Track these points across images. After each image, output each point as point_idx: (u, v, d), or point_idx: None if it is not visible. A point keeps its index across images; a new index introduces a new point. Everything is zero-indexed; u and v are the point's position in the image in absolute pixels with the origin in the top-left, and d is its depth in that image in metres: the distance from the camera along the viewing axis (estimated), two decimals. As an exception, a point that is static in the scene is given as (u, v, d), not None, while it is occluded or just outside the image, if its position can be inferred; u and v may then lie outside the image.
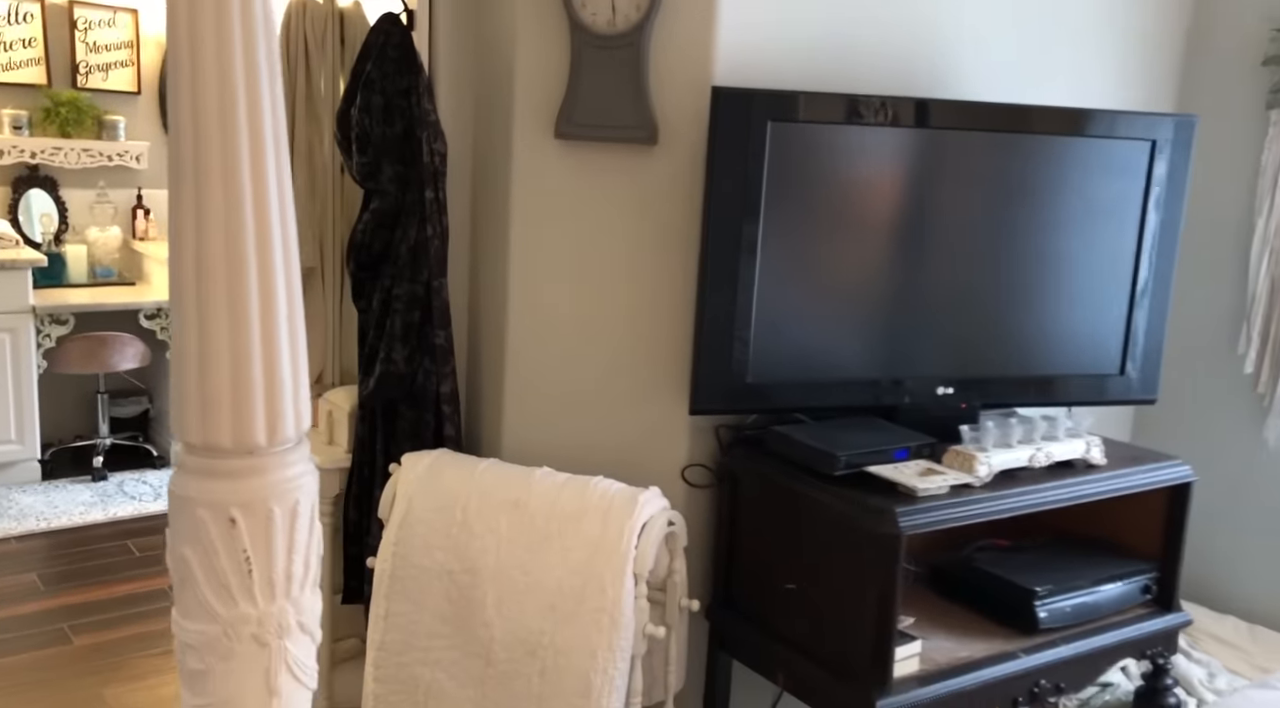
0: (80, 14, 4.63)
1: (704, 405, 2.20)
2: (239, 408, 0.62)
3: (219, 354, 0.62)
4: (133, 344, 4.51)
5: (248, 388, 0.62)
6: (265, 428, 0.62)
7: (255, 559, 0.61)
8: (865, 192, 2.23)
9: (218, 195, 0.59)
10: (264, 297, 0.62)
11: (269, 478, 0.62)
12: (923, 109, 2.21)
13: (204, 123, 0.58)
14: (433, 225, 2.32)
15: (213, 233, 0.60)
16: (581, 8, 2.16)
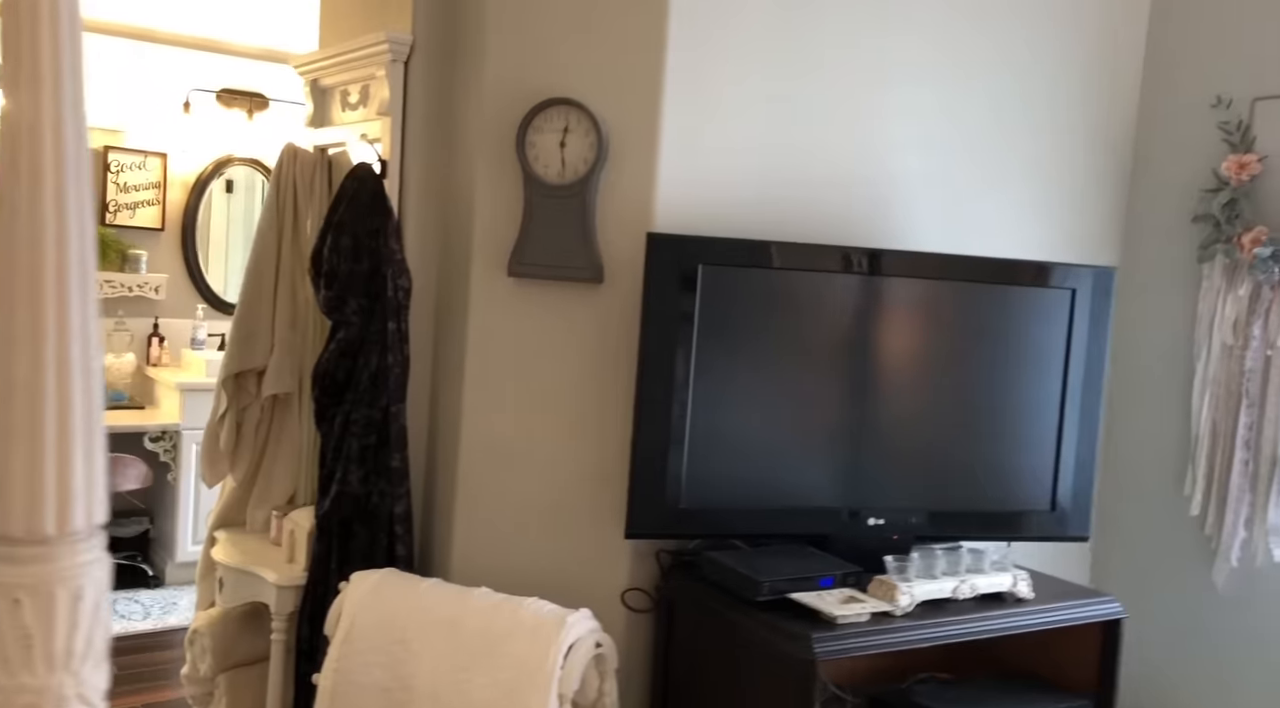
0: (114, 158, 4.99)
1: (638, 530, 2.29)
2: (31, 501, 0.73)
3: (16, 451, 0.73)
4: (135, 466, 4.66)
5: (40, 483, 0.73)
6: (55, 520, 0.73)
7: (37, 636, 0.70)
8: (795, 331, 2.37)
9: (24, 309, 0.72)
10: (60, 403, 0.74)
11: (56, 565, 0.72)
12: (846, 256, 2.37)
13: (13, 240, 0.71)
14: (394, 354, 2.48)
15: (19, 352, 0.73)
16: (534, 161, 2.37)
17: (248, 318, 2.85)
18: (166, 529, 4.93)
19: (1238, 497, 2.78)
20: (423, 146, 2.58)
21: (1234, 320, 2.80)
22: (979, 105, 2.78)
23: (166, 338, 5.18)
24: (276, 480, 2.96)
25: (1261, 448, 2.75)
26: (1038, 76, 2.87)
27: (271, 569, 2.60)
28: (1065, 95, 2.94)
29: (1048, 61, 2.89)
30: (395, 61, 2.51)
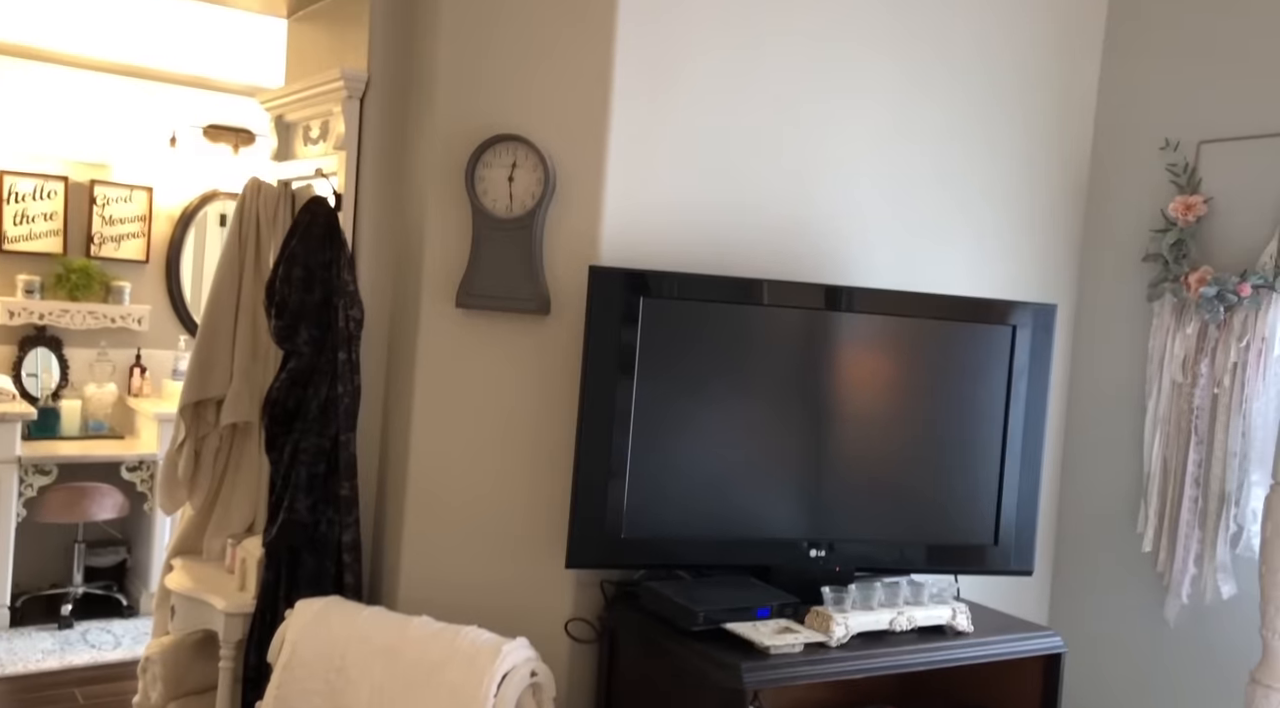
0: (100, 191, 5.06)
1: (579, 560, 2.30)
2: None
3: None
4: (111, 495, 4.68)
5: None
6: None
7: None
8: (739, 365, 2.40)
9: None
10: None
11: None
12: (790, 290, 2.40)
13: None
14: (344, 384, 2.51)
15: None
16: (483, 195, 2.42)
17: (208, 347, 2.89)
18: (143, 559, 4.94)
19: (1187, 534, 2.79)
20: (376, 180, 2.64)
21: (1182, 358, 2.83)
22: (931, 142, 2.83)
23: (148, 369, 5.23)
24: (235, 508, 2.99)
25: (1210, 485, 2.76)
26: (993, 114, 2.93)
27: (221, 597, 2.61)
28: (1019, 134, 2.99)
29: (1003, 100, 2.94)
30: (351, 98, 2.57)
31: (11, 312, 4.84)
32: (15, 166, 4.86)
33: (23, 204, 4.89)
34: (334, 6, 2.80)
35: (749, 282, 2.39)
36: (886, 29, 2.72)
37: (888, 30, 2.73)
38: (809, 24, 2.60)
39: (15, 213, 4.87)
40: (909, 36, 2.76)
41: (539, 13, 2.41)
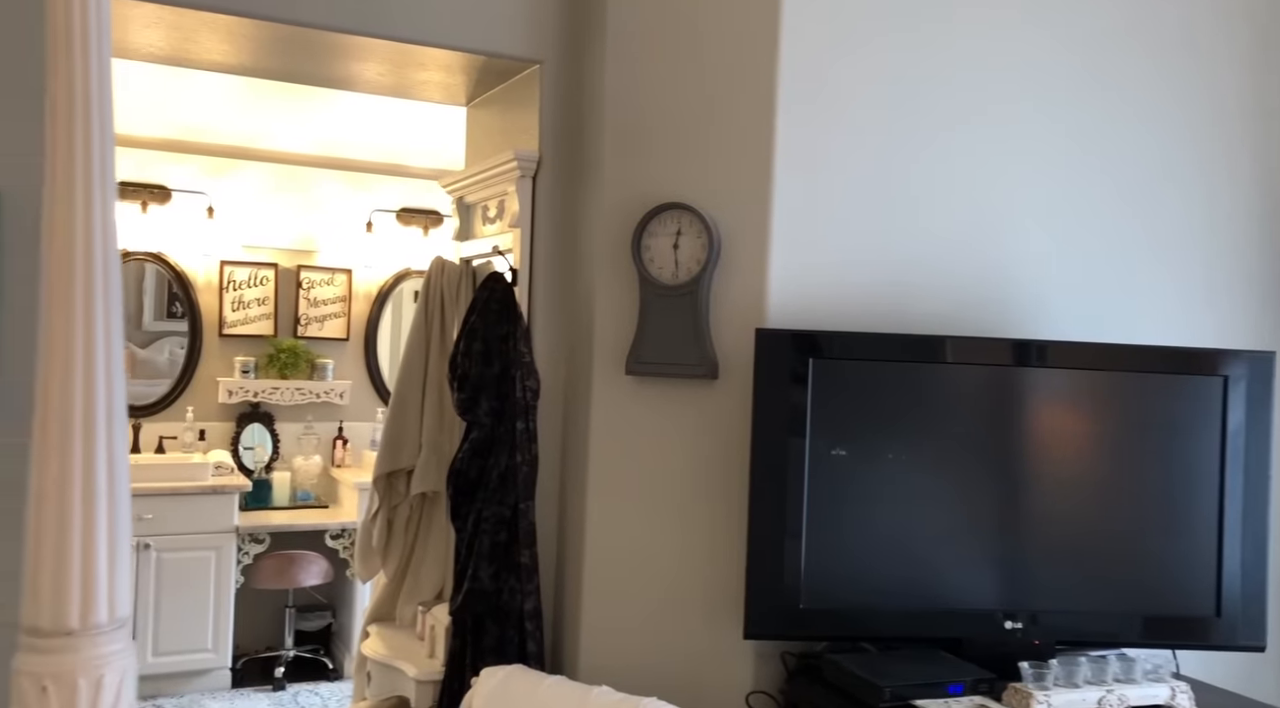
0: (305, 275, 5.46)
1: (756, 631, 2.25)
2: (57, 596, 0.82)
3: (45, 550, 0.83)
4: (318, 562, 4.96)
5: (66, 580, 0.82)
6: (79, 614, 0.81)
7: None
8: (918, 425, 2.30)
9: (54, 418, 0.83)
10: (85, 506, 0.84)
11: (79, 656, 0.80)
12: (968, 347, 2.30)
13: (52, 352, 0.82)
14: (522, 453, 2.57)
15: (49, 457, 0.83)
16: (649, 263, 2.45)
17: (398, 420, 3.03)
18: (346, 623, 5.18)
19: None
20: (549, 254, 2.71)
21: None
22: (1112, 177, 2.67)
23: (349, 440, 5.54)
24: (425, 576, 3.09)
25: None
26: (1181, 140, 2.73)
27: (413, 664, 2.70)
28: (1213, 161, 2.78)
29: (1193, 123, 2.75)
30: (524, 177, 2.67)
31: (230, 391, 5.25)
32: (232, 257, 5.31)
33: (239, 291, 5.33)
34: (507, 92, 2.93)
35: (924, 339, 2.30)
36: (1058, 65, 2.60)
37: (1059, 66, 2.61)
38: (971, 73, 2.52)
39: (233, 299, 5.31)
40: (1083, 75, 2.63)
41: (699, 85, 2.44)
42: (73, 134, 0.82)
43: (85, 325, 0.83)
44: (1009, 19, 2.55)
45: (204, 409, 5.26)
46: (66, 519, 0.82)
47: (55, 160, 0.82)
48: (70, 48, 0.79)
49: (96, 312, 0.83)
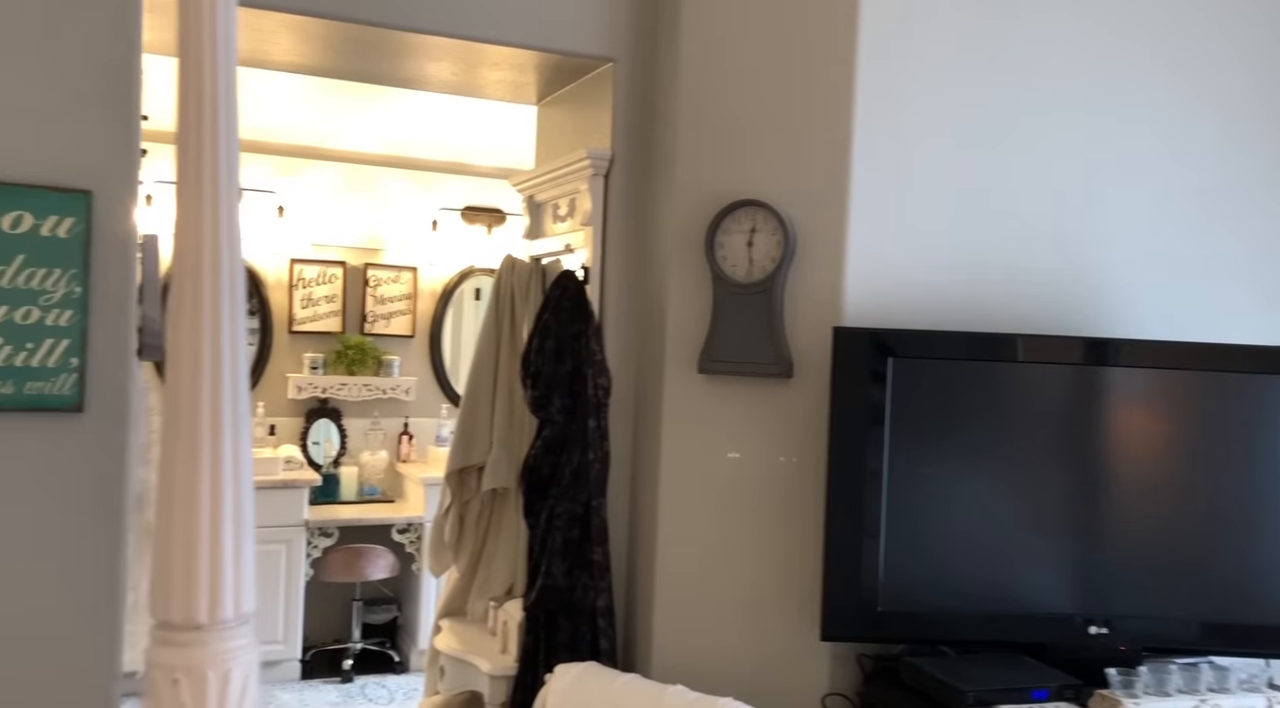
0: (373, 274, 5.53)
1: (833, 633, 2.22)
2: (187, 594, 0.84)
3: (175, 548, 0.85)
4: (385, 556, 5.02)
5: (195, 577, 0.83)
6: (207, 609, 0.83)
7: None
8: (999, 425, 2.26)
9: (185, 416, 0.84)
10: (213, 505, 0.85)
11: (208, 649, 0.81)
12: (1051, 345, 2.25)
13: (181, 353, 0.84)
14: (594, 450, 2.57)
15: (179, 457, 0.84)
16: (723, 260, 2.43)
17: (469, 418, 3.05)
18: (412, 617, 5.24)
19: None
20: (621, 252, 2.71)
21: None
22: (1200, 179, 2.59)
23: (415, 436, 5.60)
24: (496, 572, 3.11)
25: None
26: (1272, 143, 2.65)
27: (486, 659, 2.71)
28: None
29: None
30: (596, 175, 2.67)
31: (299, 387, 5.34)
32: (302, 255, 5.40)
33: (308, 289, 5.41)
34: (579, 91, 2.93)
35: (1004, 337, 2.26)
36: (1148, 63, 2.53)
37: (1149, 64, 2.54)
38: (1056, 69, 2.47)
39: (302, 297, 5.40)
40: (1172, 76, 2.55)
41: (775, 81, 2.42)
42: (201, 138, 0.83)
43: (213, 327, 0.84)
44: (1097, 14, 2.49)
45: (274, 405, 5.35)
46: (195, 517, 0.84)
47: (185, 164, 0.83)
48: (200, 54, 0.81)
49: (224, 314, 0.84)
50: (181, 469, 0.84)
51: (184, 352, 0.84)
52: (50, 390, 2.09)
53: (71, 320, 2.10)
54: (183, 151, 0.83)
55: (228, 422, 0.85)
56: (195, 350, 0.84)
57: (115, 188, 2.15)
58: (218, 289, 0.82)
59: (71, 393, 2.11)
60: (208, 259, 0.83)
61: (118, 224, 2.16)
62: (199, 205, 0.82)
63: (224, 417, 0.84)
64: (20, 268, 2.06)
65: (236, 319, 0.86)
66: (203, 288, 0.83)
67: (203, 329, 0.83)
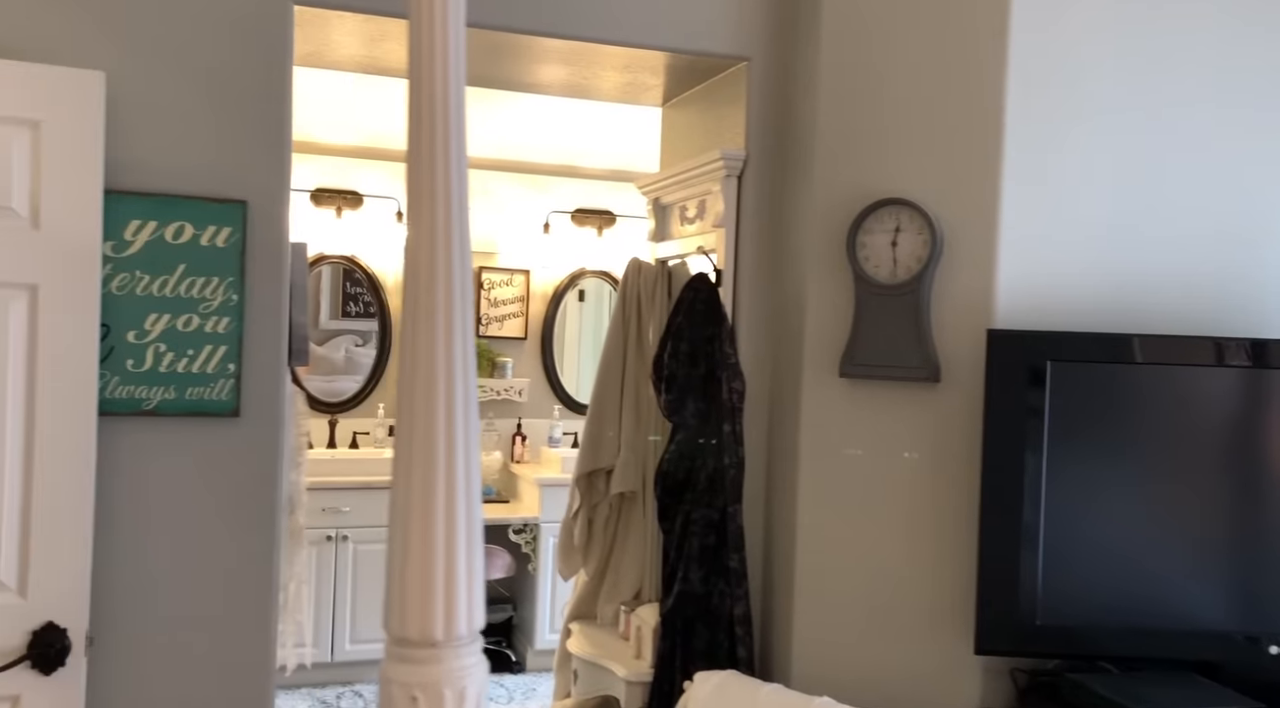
0: (487, 276, 5.60)
1: (989, 646, 2.14)
2: (424, 611, 0.83)
3: (411, 565, 0.84)
4: (501, 556, 5.07)
5: (430, 594, 0.83)
6: (443, 627, 0.82)
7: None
8: (1167, 430, 2.15)
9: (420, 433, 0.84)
10: (447, 521, 0.84)
11: (444, 667, 0.81)
12: (1224, 348, 2.13)
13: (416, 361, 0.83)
14: (729, 456, 2.54)
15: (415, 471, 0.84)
16: (865, 261, 2.37)
17: (597, 421, 3.04)
18: (527, 617, 5.29)
19: None
20: (755, 254, 2.67)
21: None
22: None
23: (528, 437, 5.65)
24: (624, 576, 3.10)
25: None
26: None
27: (621, 664, 2.70)
28: None
29: None
30: (729, 176, 2.63)
31: (417, 389, 5.43)
32: (418, 260, 5.49)
33: (425, 293, 5.50)
34: (708, 92, 2.90)
35: (1170, 339, 2.14)
36: (1322, 41, 2.38)
37: (1324, 43, 2.38)
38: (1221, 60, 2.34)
39: (419, 301, 5.49)
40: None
41: (920, 75, 2.34)
42: (434, 150, 0.83)
43: (446, 341, 0.83)
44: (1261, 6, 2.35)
45: (393, 406, 5.45)
46: (431, 532, 0.83)
47: (419, 175, 0.83)
48: (432, 66, 0.80)
49: (456, 328, 0.83)
50: (419, 484, 0.83)
51: (419, 365, 0.83)
52: (209, 396, 2.15)
53: (229, 327, 2.16)
54: (415, 168, 0.82)
55: (460, 434, 0.84)
56: (430, 364, 0.84)
57: (269, 197, 2.21)
58: (450, 303, 0.82)
59: (229, 398, 2.17)
60: (441, 274, 0.82)
61: (271, 232, 2.21)
62: (433, 220, 0.81)
63: (457, 430, 0.84)
64: (181, 277, 2.13)
65: (468, 333, 0.85)
66: (437, 302, 0.82)
67: (436, 343, 0.83)
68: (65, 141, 1.93)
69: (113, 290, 2.07)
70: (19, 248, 1.90)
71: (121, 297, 2.09)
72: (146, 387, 2.11)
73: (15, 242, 1.90)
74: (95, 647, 2.03)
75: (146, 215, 2.10)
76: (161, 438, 2.14)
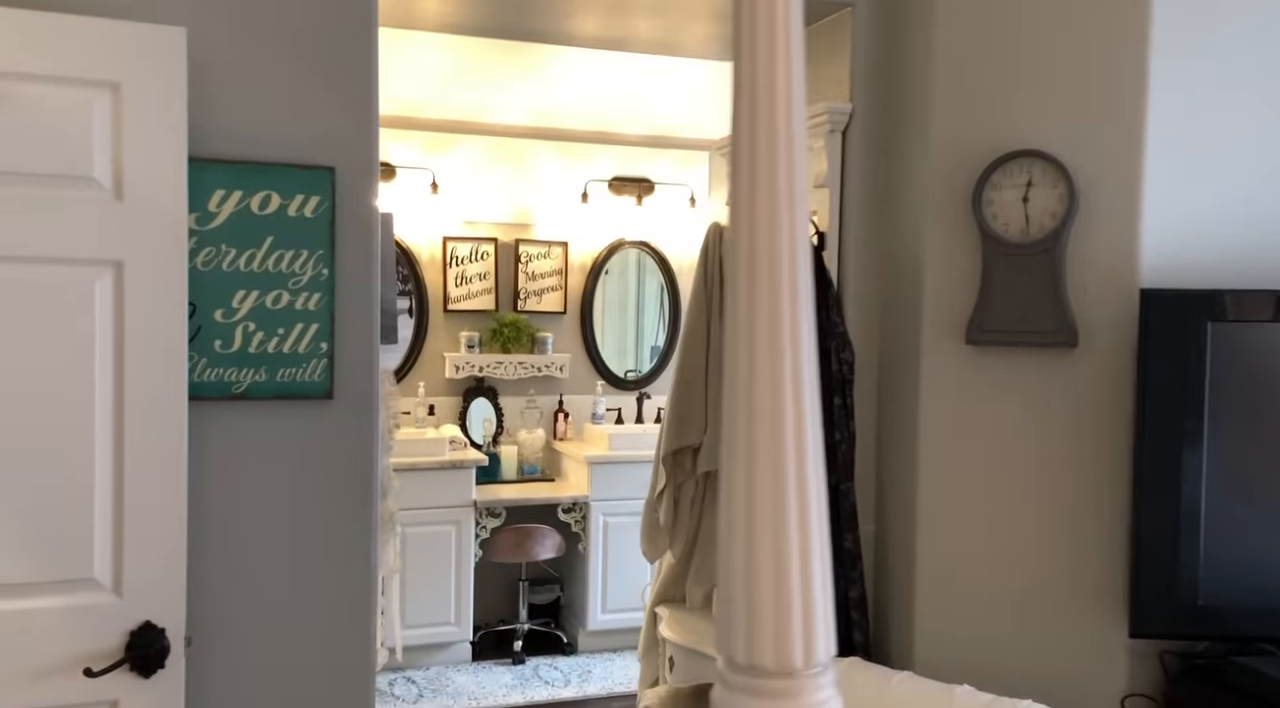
0: (524, 249, 5.43)
1: (1146, 629, 2.01)
2: (779, 630, 0.69)
3: (763, 578, 0.69)
4: (551, 536, 4.94)
5: (787, 610, 0.69)
6: (802, 650, 0.69)
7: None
8: (1330, 392, 2.00)
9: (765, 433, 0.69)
10: (802, 530, 0.69)
11: (800, 700, 0.68)
12: (1398, 300, 1.98)
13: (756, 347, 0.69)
14: (840, 430, 2.39)
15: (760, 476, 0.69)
16: (993, 219, 2.21)
17: (683, 396, 2.89)
18: (577, 597, 5.16)
19: None
20: (861, 215, 2.51)
21: None
22: None
23: (570, 413, 5.50)
24: (711, 557, 2.96)
25: None
26: None
27: (723, 651, 2.57)
28: None
29: None
30: (833, 131, 2.47)
31: (457, 366, 5.28)
32: (454, 232, 5.32)
33: (462, 266, 5.34)
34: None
35: (1340, 295, 1.99)
36: None
37: None
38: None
39: (456, 275, 5.33)
40: None
41: (1049, 13, 2.17)
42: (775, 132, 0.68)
43: (791, 318, 0.69)
44: None
45: (432, 384, 5.31)
46: (784, 543, 0.69)
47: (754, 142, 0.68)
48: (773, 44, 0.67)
49: (801, 316, 0.69)
50: (766, 486, 0.68)
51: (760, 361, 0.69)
52: (302, 377, 2.00)
53: (320, 304, 2.00)
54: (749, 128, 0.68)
55: (810, 436, 0.69)
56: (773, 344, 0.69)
57: (357, 163, 2.04)
58: (796, 291, 0.67)
59: (322, 379, 2.01)
60: (785, 259, 0.68)
61: (360, 201, 2.05)
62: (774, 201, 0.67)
63: (806, 431, 0.69)
64: (269, 250, 1.96)
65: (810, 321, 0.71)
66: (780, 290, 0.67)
67: (782, 335, 0.68)
68: (147, 105, 1.76)
69: (198, 266, 1.91)
70: (103, 221, 1.73)
71: (207, 273, 1.93)
72: (236, 369, 1.95)
73: (99, 215, 1.73)
74: (192, 646, 1.89)
75: (231, 184, 1.93)
76: (252, 423, 1.99)
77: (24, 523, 1.74)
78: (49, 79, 1.71)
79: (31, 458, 1.73)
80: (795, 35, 0.70)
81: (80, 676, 1.75)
